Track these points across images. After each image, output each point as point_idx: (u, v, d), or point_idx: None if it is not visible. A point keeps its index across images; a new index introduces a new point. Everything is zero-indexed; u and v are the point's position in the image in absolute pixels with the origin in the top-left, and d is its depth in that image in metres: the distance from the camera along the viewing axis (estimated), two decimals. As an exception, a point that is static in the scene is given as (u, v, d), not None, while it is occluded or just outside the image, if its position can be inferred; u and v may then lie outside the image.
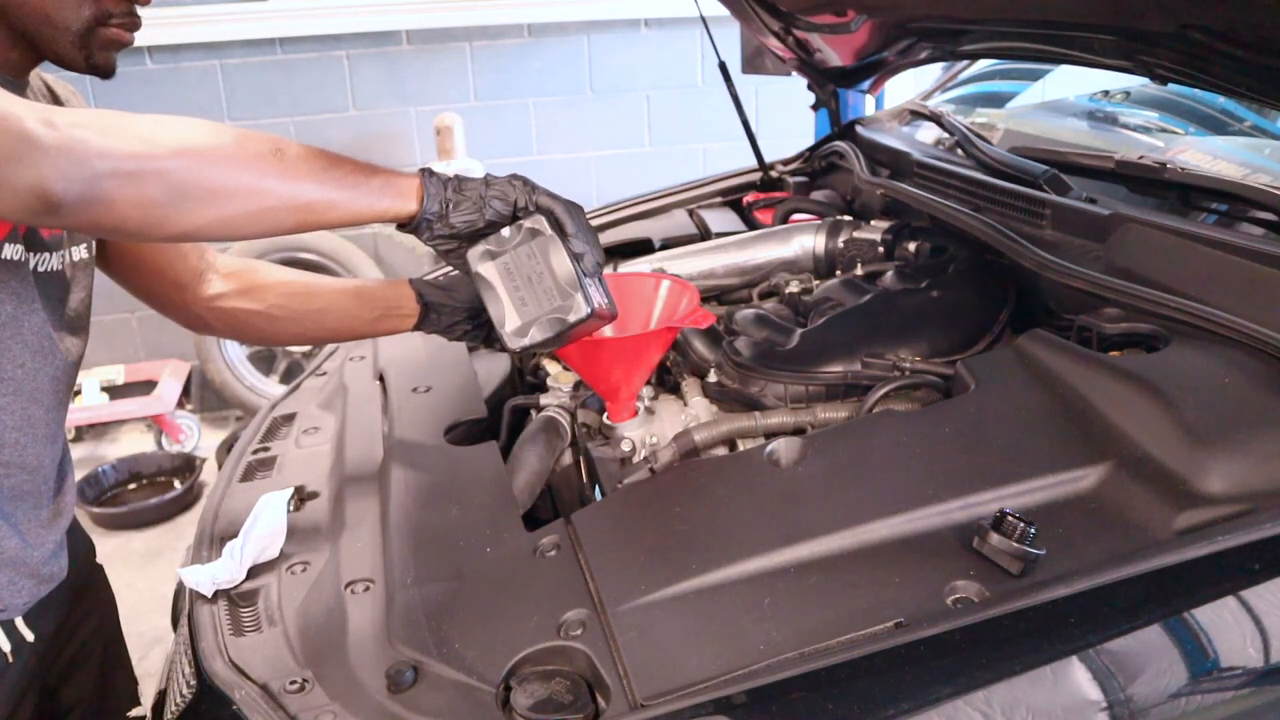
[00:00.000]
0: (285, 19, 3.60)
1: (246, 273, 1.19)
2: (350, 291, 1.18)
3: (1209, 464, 0.85)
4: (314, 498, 1.18)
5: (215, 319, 1.18)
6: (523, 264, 0.96)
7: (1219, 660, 0.75)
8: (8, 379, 0.94)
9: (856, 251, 1.67)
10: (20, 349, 0.95)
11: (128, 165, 0.74)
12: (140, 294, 1.17)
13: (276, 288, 1.18)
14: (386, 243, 3.91)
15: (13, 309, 0.93)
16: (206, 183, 0.77)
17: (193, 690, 0.91)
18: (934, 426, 1.02)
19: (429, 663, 0.82)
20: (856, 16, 1.66)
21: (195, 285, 1.16)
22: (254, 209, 0.81)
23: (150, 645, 2.43)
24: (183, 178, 0.76)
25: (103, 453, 3.74)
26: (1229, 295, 1.06)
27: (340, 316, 1.18)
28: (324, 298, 1.18)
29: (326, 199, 0.84)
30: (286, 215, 0.83)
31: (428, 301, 1.16)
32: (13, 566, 0.98)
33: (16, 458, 0.97)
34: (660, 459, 1.13)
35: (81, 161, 0.71)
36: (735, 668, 0.75)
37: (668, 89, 3.96)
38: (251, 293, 1.17)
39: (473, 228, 0.94)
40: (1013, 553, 0.79)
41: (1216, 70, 1.18)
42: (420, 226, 0.92)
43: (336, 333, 1.22)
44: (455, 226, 0.93)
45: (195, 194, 0.77)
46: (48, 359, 0.99)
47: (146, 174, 0.74)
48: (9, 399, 0.95)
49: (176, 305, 1.17)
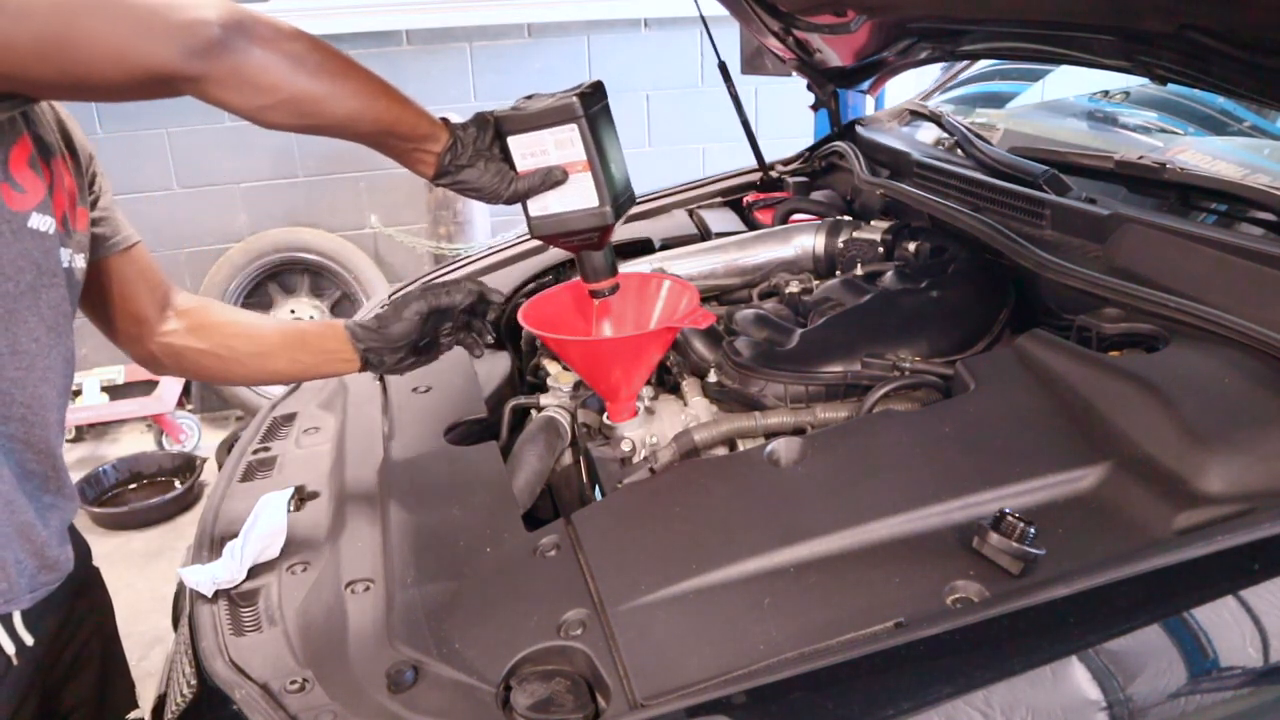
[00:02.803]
0: (285, 19, 3.59)
1: (198, 311, 1.22)
2: (291, 337, 1.20)
3: (1208, 464, 0.85)
4: (314, 498, 1.18)
5: (165, 356, 1.20)
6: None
7: (1218, 660, 0.75)
8: (23, 352, 0.94)
9: (856, 251, 1.67)
10: (37, 322, 0.95)
11: (267, 31, 0.88)
12: (101, 323, 1.19)
13: (223, 328, 1.20)
14: (387, 243, 3.92)
15: (33, 279, 0.94)
16: (327, 63, 0.92)
17: (193, 690, 0.91)
18: (934, 426, 1.02)
19: (429, 663, 0.82)
20: (856, 16, 1.66)
21: (154, 320, 1.19)
22: (351, 92, 0.93)
23: (150, 645, 2.43)
24: (311, 53, 0.91)
25: (103, 453, 3.74)
26: (1229, 295, 1.06)
27: (284, 362, 1.21)
28: (266, 342, 1.20)
29: (398, 111, 0.98)
30: (368, 105, 0.95)
31: (364, 350, 1.17)
32: (22, 537, 0.98)
33: (24, 434, 0.97)
34: (660, 459, 1.13)
35: (236, 12, 0.85)
36: (735, 668, 0.75)
37: (668, 89, 3.96)
38: (199, 331, 1.20)
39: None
40: (1013, 553, 0.79)
41: (1216, 70, 1.18)
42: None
43: (281, 375, 1.25)
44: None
45: (316, 69, 0.91)
46: (61, 338, 0.99)
47: (284, 41, 0.89)
48: (23, 373, 0.95)
49: (133, 338, 1.20)
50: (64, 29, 0.78)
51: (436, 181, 1.03)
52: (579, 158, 1.02)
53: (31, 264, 0.93)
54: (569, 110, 0.99)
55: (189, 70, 0.83)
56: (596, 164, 1.02)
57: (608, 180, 1.03)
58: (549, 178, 1.03)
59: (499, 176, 1.04)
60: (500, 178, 1.04)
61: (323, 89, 0.91)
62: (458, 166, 1.02)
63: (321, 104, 0.92)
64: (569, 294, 1.24)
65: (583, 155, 1.01)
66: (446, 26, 3.70)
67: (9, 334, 0.93)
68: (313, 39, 0.91)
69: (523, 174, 1.04)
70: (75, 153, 1.05)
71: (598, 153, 1.01)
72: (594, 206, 1.04)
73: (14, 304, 0.93)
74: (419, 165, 1.02)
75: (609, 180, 1.03)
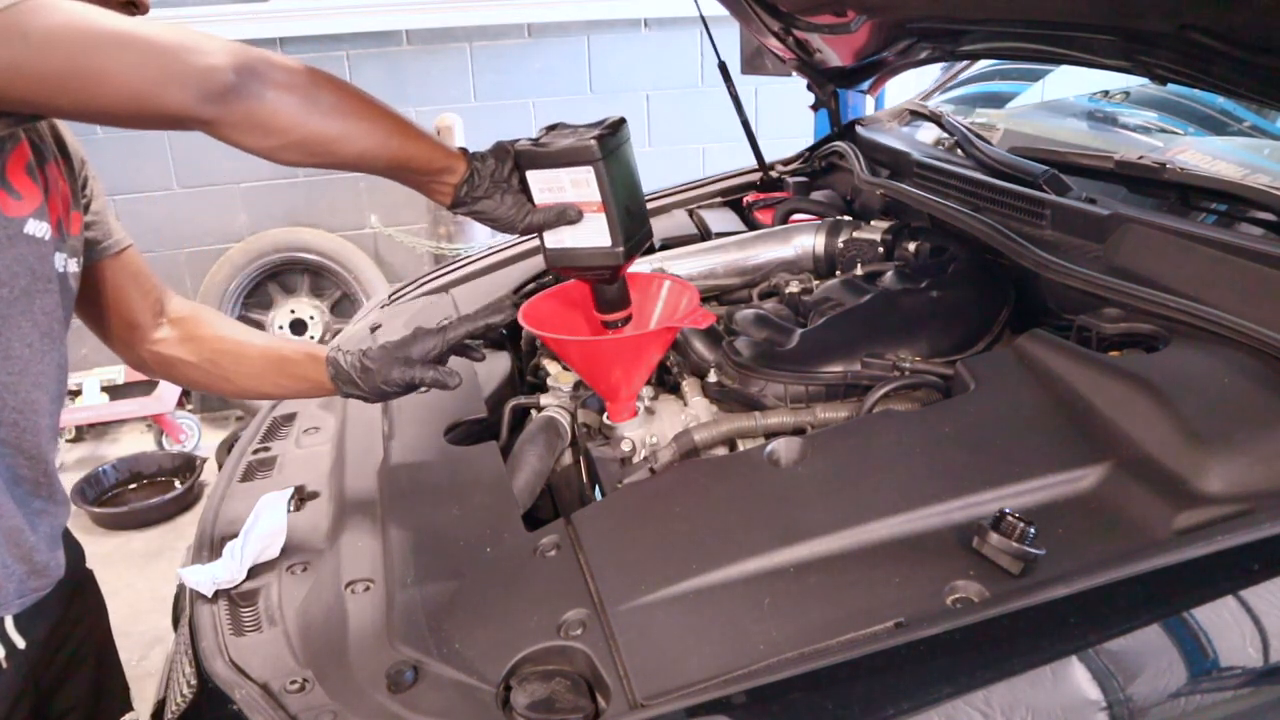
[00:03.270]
0: (285, 19, 3.60)
1: (190, 321, 1.22)
2: (275, 360, 1.20)
3: (1208, 464, 0.85)
4: (314, 498, 1.18)
5: (155, 363, 1.21)
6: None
7: (1218, 660, 0.75)
8: (15, 357, 0.95)
9: (856, 251, 1.67)
10: (30, 327, 0.96)
11: (280, 75, 0.89)
12: (95, 327, 1.20)
13: (212, 342, 1.20)
14: (387, 243, 3.92)
15: (27, 283, 0.94)
16: (340, 104, 0.92)
17: (193, 690, 0.91)
18: (934, 426, 1.02)
19: (429, 663, 0.82)
20: (856, 17, 1.66)
21: (147, 326, 1.19)
22: (364, 131, 0.94)
23: (150, 645, 2.43)
24: (322, 94, 0.91)
25: (103, 453, 3.74)
26: (1229, 295, 1.06)
27: (268, 384, 1.21)
28: (252, 363, 1.20)
29: (412, 149, 0.99)
30: (382, 144, 0.96)
31: (343, 391, 1.15)
32: (10, 542, 0.98)
33: (14, 439, 0.97)
34: (660, 459, 1.13)
35: (250, 58, 0.86)
36: (735, 668, 0.75)
37: (668, 89, 3.96)
38: (189, 343, 1.20)
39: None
40: (1013, 553, 0.79)
41: (1216, 70, 1.18)
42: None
43: (266, 395, 1.25)
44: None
45: (329, 110, 0.91)
46: (54, 344, 1.00)
47: (297, 84, 0.90)
48: (14, 378, 0.95)
49: (126, 343, 1.20)
50: (85, 65, 0.80)
51: (453, 210, 1.03)
52: (594, 199, 1.03)
53: (26, 269, 0.94)
54: (586, 153, 1.00)
55: (203, 114, 0.84)
56: (611, 206, 1.03)
57: (622, 221, 1.04)
58: (564, 216, 1.04)
59: (515, 208, 1.04)
60: (516, 209, 1.04)
61: (335, 129, 0.91)
62: (474, 198, 1.02)
63: (334, 144, 0.92)
64: (569, 294, 1.24)
65: (597, 197, 1.02)
66: (446, 26, 3.70)
67: (1, 339, 0.93)
68: (327, 78, 0.92)
69: (540, 207, 1.05)
70: (68, 156, 1.06)
71: (613, 194, 1.02)
72: (606, 246, 1.05)
73: (7, 309, 0.93)
74: (436, 195, 1.02)
75: (623, 221, 1.04)
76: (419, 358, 1.09)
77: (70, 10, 0.80)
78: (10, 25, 0.77)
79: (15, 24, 0.77)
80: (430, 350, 1.10)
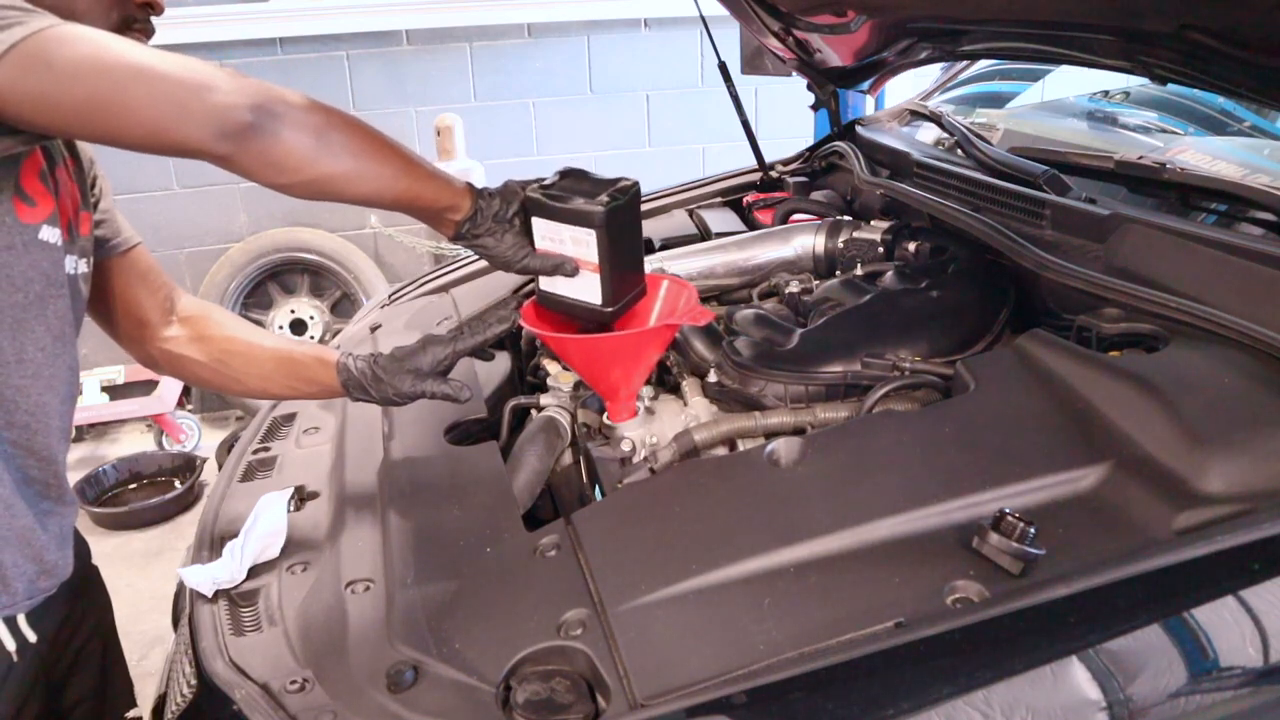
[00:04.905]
0: (286, 19, 3.60)
1: (200, 320, 1.22)
2: (285, 363, 1.21)
3: (1208, 464, 0.85)
4: (314, 498, 1.18)
5: (165, 360, 1.22)
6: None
7: (1218, 660, 0.75)
8: (28, 360, 0.96)
9: (856, 251, 1.67)
10: (43, 331, 0.97)
11: (295, 115, 0.90)
12: (104, 324, 1.20)
13: (222, 343, 1.21)
14: (386, 243, 3.91)
15: (41, 289, 0.96)
16: (351, 143, 0.93)
17: (193, 690, 0.91)
18: (934, 426, 1.02)
19: (429, 663, 0.82)
20: (856, 16, 1.66)
21: (156, 324, 1.20)
22: (375, 172, 0.95)
23: (150, 645, 2.43)
24: (335, 135, 0.92)
25: (103, 453, 3.74)
26: (1229, 295, 1.06)
27: (277, 385, 1.22)
28: (261, 364, 1.21)
29: (419, 188, 1.00)
30: (390, 184, 0.97)
31: (354, 397, 1.17)
32: (21, 541, 0.99)
33: (26, 441, 0.98)
34: (660, 459, 1.13)
35: (267, 98, 0.87)
36: (735, 668, 0.75)
37: (668, 89, 3.96)
38: (199, 342, 1.21)
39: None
40: (1013, 553, 0.79)
41: (1216, 70, 1.18)
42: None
43: (275, 395, 1.28)
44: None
45: (340, 150, 0.92)
46: (66, 347, 1.01)
47: (311, 125, 0.90)
48: (28, 381, 0.97)
49: (135, 340, 1.21)
50: (107, 99, 0.82)
51: (454, 243, 1.05)
52: (591, 259, 1.05)
53: (40, 275, 0.95)
54: (591, 219, 1.02)
55: (218, 150, 0.86)
56: (606, 270, 1.05)
57: (615, 284, 1.06)
58: (560, 268, 1.06)
59: (514, 248, 1.06)
60: (515, 250, 1.06)
61: (346, 169, 0.93)
62: (474, 235, 1.04)
63: (344, 184, 0.94)
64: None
65: (595, 259, 1.04)
66: (446, 26, 3.70)
67: (16, 343, 0.95)
68: (340, 118, 0.93)
69: (539, 252, 1.07)
70: (77, 156, 1.06)
71: (611, 259, 1.04)
72: (596, 304, 1.08)
73: (22, 314, 0.95)
74: (440, 228, 1.04)
75: (617, 284, 1.07)
76: (429, 369, 1.12)
77: (94, 41, 0.82)
78: (35, 54, 0.79)
79: (40, 53, 0.79)
80: (440, 362, 1.12)
